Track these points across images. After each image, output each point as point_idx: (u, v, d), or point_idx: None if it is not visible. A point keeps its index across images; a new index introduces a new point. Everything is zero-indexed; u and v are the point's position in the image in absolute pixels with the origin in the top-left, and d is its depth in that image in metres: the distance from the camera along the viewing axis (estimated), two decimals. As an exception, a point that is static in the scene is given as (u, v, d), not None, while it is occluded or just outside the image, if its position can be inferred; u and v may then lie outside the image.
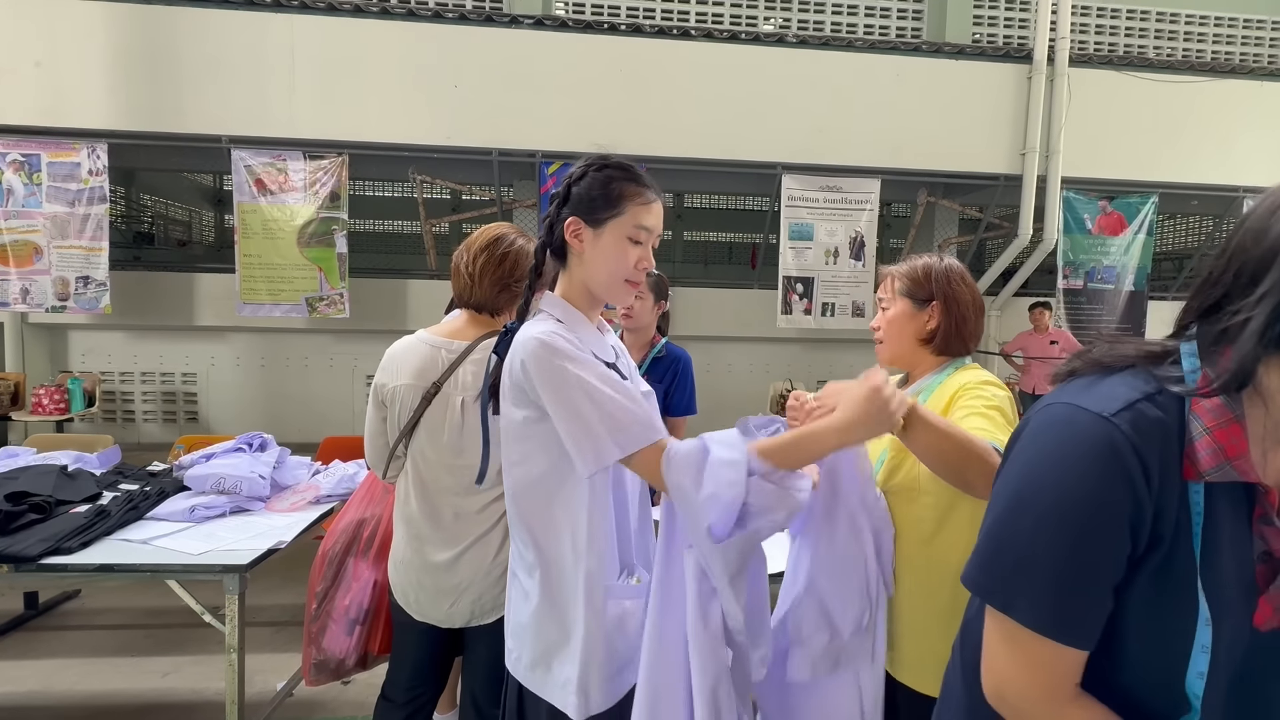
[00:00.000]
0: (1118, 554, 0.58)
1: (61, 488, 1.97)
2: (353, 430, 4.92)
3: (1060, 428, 0.60)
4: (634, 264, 1.03)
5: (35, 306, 4.30)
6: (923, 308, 1.24)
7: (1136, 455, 0.56)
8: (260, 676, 2.31)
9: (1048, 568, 0.59)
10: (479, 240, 1.42)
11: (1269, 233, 0.55)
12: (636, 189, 1.02)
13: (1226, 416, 0.56)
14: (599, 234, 1.01)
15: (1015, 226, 4.95)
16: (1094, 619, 0.60)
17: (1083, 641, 0.60)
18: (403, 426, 1.40)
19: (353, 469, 2.29)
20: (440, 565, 1.39)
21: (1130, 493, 0.56)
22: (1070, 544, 0.58)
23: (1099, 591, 0.59)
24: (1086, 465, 0.57)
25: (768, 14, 5.96)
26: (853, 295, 4.94)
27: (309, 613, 1.63)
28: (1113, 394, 0.59)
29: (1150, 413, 0.57)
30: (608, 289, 1.04)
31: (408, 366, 1.40)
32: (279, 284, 4.40)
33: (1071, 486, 0.58)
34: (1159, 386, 0.58)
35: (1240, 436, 0.56)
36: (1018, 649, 0.62)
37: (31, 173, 4.22)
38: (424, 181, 4.80)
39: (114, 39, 4.23)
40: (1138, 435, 0.56)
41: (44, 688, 2.32)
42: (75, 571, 1.63)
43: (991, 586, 0.63)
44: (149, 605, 2.87)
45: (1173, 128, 4.94)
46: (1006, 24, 6.16)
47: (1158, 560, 0.58)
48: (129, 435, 4.88)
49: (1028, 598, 0.60)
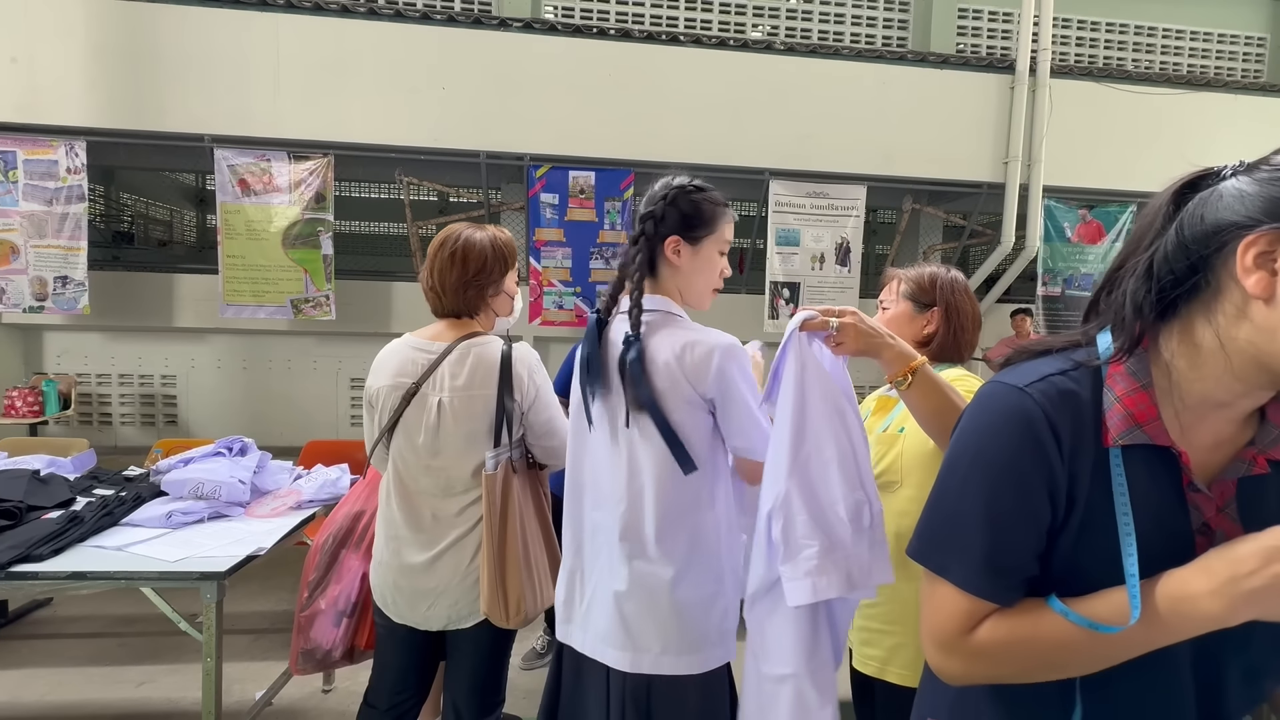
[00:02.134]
0: (1036, 513, 0.62)
1: (33, 493, 1.93)
2: (336, 434, 4.86)
3: (983, 400, 0.67)
4: (720, 273, 1.19)
5: (12, 307, 4.21)
6: (923, 312, 1.27)
7: (1047, 420, 0.61)
8: (238, 685, 2.27)
9: (972, 528, 0.64)
10: (431, 250, 1.45)
11: (1142, 221, 0.64)
12: (725, 209, 1.18)
13: (1134, 385, 0.61)
14: (697, 250, 1.15)
15: (998, 234, 5.02)
16: (1018, 578, 0.64)
17: (1008, 598, 0.64)
18: (382, 427, 1.41)
19: (335, 473, 2.26)
20: (417, 567, 1.39)
21: (1042, 455, 0.61)
22: (988, 502, 0.63)
23: (1022, 550, 0.63)
24: (1000, 427, 0.63)
25: (756, 21, 6.00)
26: (838, 301, 4.97)
27: (300, 601, 1.64)
28: (1032, 371, 0.65)
29: (1063, 385, 0.63)
30: (700, 296, 1.19)
31: (388, 368, 1.42)
32: (263, 285, 4.34)
33: (987, 448, 0.64)
34: (1074, 363, 0.65)
35: (1149, 403, 0.61)
36: (942, 602, 0.67)
37: (7, 170, 4.13)
38: (411, 183, 4.76)
39: (94, 34, 4.15)
40: (1048, 402, 0.62)
41: (13, 698, 2.26)
42: (46, 579, 1.59)
43: (927, 551, 0.68)
44: (123, 613, 2.81)
45: (1151, 138, 5.05)
46: (990, 35, 6.26)
47: (1076, 524, 0.62)
48: (105, 439, 4.78)
49: (958, 559, 0.65)
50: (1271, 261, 0.54)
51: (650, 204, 1.15)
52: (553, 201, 4.56)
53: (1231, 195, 0.57)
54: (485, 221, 1.88)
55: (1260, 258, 0.54)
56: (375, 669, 1.53)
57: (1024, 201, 4.97)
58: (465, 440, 1.37)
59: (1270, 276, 0.54)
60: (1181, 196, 0.62)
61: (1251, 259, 0.55)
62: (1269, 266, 0.54)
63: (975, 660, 0.65)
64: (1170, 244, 0.60)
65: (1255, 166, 0.58)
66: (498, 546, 1.35)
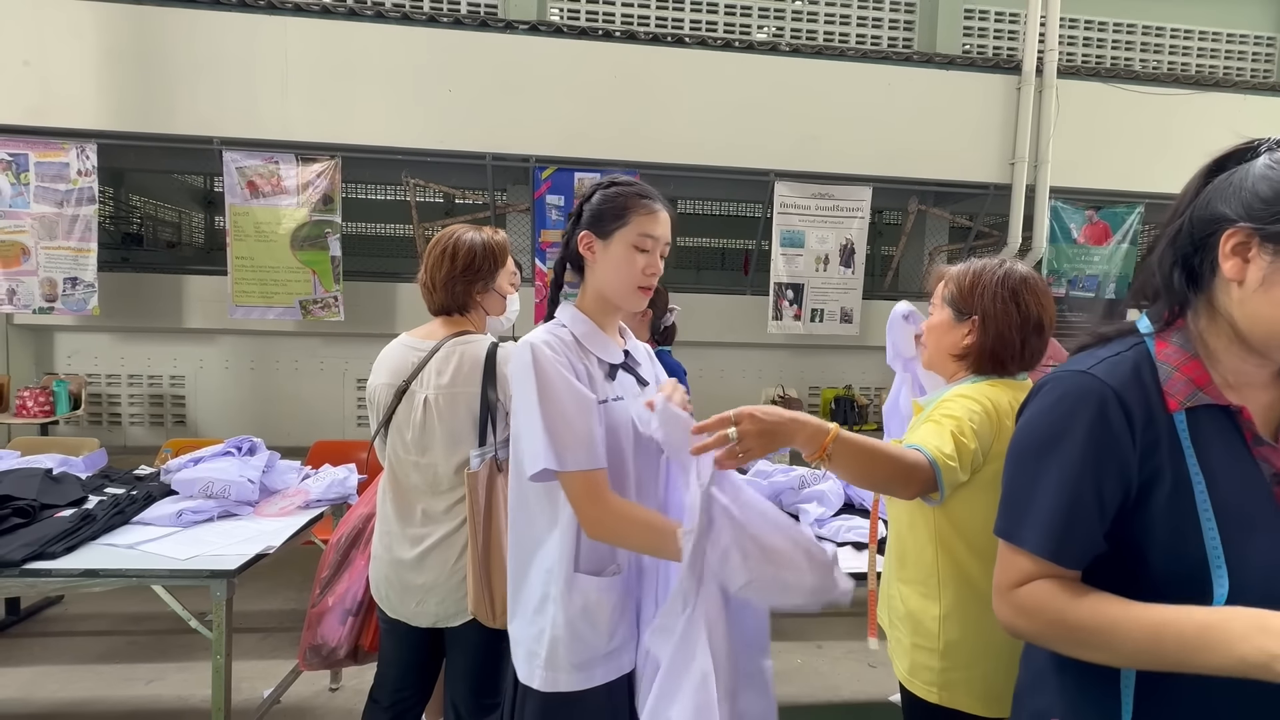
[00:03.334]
0: (1107, 486, 0.68)
1: (46, 491, 1.95)
2: (343, 434, 4.88)
3: (1049, 385, 0.73)
4: (642, 270, 1.11)
5: (23, 308, 4.25)
6: (962, 320, 1.16)
7: (1117, 397, 0.67)
8: (246, 683, 2.29)
9: (1046, 499, 0.69)
10: (428, 248, 1.50)
11: (1181, 196, 0.72)
12: (640, 200, 1.11)
13: (1185, 355, 0.69)
14: (608, 245, 1.11)
15: (1004, 235, 5.00)
16: (1082, 548, 0.70)
17: (1074, 565, 0.70)
18: (377, 424, 1.45)
19: (343, 473, 2.28)
20: (407, 563, 1.41)
21: (1112, 432, 0.67)
22: (1062, 474, 0.68)
23: (1089, 522, 0.69)
24: (1071, 406, 0.69)
25: (761, 23, 6.01)
26: (841, 301, 4.97)
27: (313, 597, 1.66)
28: (1089, 357, 0.72)
29: (1121, 364, 0.69)
30: (621, 295, 1.12)
31: (385, 366, 1.46)
32: (272, 287, 4.37)
33: (1059, 428, 0.69)
34: (1127, 345, 0.72)
35: (1202, 369, 0.68)
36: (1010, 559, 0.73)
37: (19, 172, 4.17)
38: (417, 185, 4.79)
39: (104, 38, 4.19)
40: (1114, 379, 0.68)
41: (24, 695, 2.29)
42: (60, 576, 1.62)
43: (1008, 527, 0.74)
44: (133, 611, 2.83)
45: (1159, 139, 5.02)
46: (996, 35, 6.23)
47: (1166, 489, 0.67)
48: (115, 438, 4.81)
49: (1032, 527, 0.71)
50: (1246, 251, 0.64)
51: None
52: (558, 203, 4.57)
53: (1234, 187, 0.65)
54: (491, 223, 1.89)
55: (1238, 247, 0.64)
56: (379, 664, 1.55)
57: (1030, 203, 4.95)
58: (450, 437, 1.39)
59: (1243, 264, 0.64)
60: (1215, 171, 0.69)
61: (1230, 247, 0.65)
62: (1243, 255, 0.64)
63: (1017, 613, 0.71)
64: (1185, 224, 0.69)
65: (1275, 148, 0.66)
66: (483, 545, 1.36)
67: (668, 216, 1.14)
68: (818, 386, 5.47)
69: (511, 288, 1.60)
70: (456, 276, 1.46)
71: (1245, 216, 0.63)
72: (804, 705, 2.44)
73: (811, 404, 5.41)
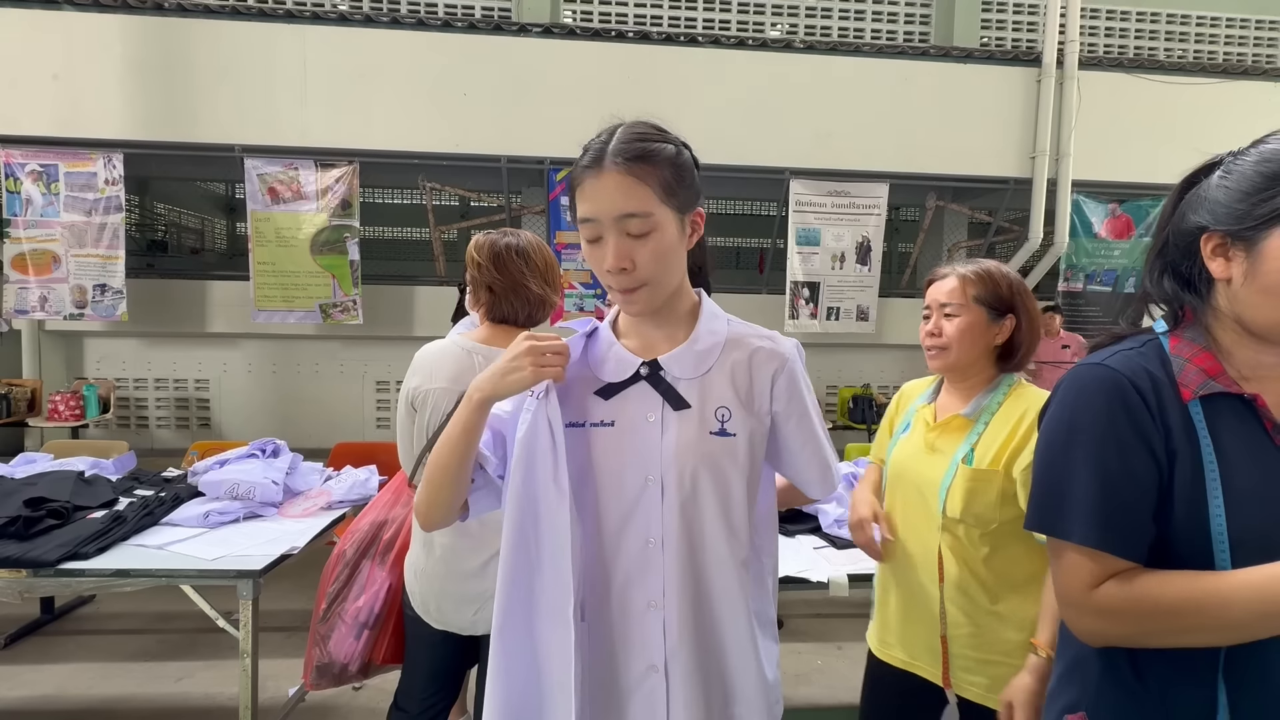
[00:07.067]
0: (1141, 467, 0.69)
1: (79, 493, 2.00)
2: (363, 436, 4.95)
3: (1068, 380, 0.75)
4: (600, 266, 0.84)
5: (54, 314, 4.36)
6: (998, 318, 1.19)
7: (1132, 384, 0.70)
8: (272, 682, 2.33)
9: (1083, 488, 0.70)
10: (493, 250, 1.42)
11: (1161, 212, 0.79)
12: (579, 169, 0.82)
13: (1197, 348, 0.72)
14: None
15: (1025, 230, 4.93)
16: (1135, 534, 0.69)
17: (1130, 551, 0.69)
18: (433, 430, 1.37)
19: (364, 475, 2.31)
20: (469, 572, 1.38)
21: (1134, 415, 0.69)
22: (1094, 462, 0.70)
23: (1134, 506, 0.69)
24: (1091, 396, 0.71)
25: (775, 20, 5.97)
26: (858, 300, 4.93)
27: (317, 614, 1.62)
28: (1105, 352, 0.75)
29: (1135, 357, 0.73)
30: (615, 296, 0.89)
31: (443, 370, 1.38)
32: (293, 291, 4.44)
33: (1082, 416, 0.72)
34: (1141, 341, 0.75)
35: (1214, 360, 0.71)
36: (1067, 564, 0.72)
37: (49, 182, 4.29)
38: (433, 189, 4.83)
39: (129, 51, 4.29)
40: (1128, 369, 0.71)
41: (59, 692, 2.35)
42: (93, 576, 1.65)
43: (1045, 520, 0.74)
44: (163, 610, 2.89)
45: (1185, 130, 4.90)
46: (1015, 27, 6.13)
47: (1185, 474, 0.69)
48: (143, 441, 4.93)
49: (1075, 519, 0.70)
50: (1225, 251, 0.70)
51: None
52: (573, 204, 4.59)
53: (1200, 198, 0.73)
54: (506, 224, 1.89)
55: (1216, 249, 0.70)
56: (406, 673, 1.52)
57: (1051, 196, 4.87)
58: None
59: (1226, 263, 0.69)
60: (1188, 187, 0.76)
61: (1210, 250, 0.71)
62: (1224, 255, 0.70)
63: (1102, 618, 0.69)
64: (1169, 237, 0.76)
65: (1237, 155, 0.72)
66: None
67: (611, 178, 0.79)
68: (835, 385, 5.43)
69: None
70: (539, 280, 1.42)
71: (1213, 222, 0.70)
72: (825, 707, 2.42)
73: (829, 404, 5.37)
